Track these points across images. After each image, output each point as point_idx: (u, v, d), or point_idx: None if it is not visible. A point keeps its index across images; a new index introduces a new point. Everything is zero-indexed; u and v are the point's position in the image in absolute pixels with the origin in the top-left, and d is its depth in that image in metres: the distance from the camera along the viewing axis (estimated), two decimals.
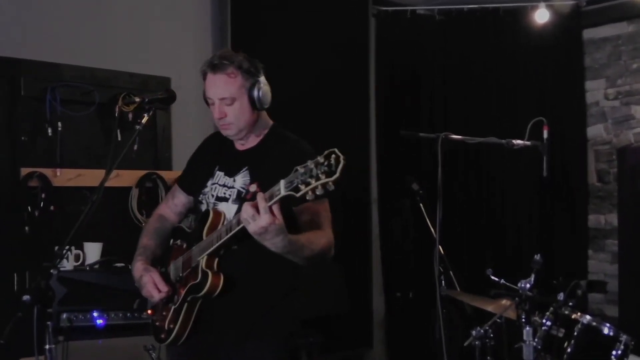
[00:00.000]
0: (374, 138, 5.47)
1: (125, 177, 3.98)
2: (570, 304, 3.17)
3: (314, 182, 1.87)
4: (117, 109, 3.83)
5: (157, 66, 4.20)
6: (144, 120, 2.53)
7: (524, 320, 2.89)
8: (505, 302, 3.33)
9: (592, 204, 5.38)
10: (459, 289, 3.72)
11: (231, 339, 2.39)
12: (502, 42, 5.40)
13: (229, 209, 2.39)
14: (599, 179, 5.36)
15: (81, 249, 3.73)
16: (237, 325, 2.39)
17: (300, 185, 1.90)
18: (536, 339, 3.01)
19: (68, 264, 3.64)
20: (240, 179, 2.43)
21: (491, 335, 3.33)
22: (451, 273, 3.70)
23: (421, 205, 3.91)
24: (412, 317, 5.21)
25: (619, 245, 5.12)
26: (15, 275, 3.65)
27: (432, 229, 3.73)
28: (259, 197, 2.02)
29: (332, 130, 4.97)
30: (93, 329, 3.46)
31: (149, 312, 2.58)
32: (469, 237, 5.32)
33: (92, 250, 3.74)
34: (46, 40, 3.88)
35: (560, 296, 3.11)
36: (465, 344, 3.35)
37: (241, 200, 2.35)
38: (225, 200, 2.43)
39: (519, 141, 3.52)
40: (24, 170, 3.73)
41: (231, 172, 2.47)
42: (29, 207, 3.72)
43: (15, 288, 3.64)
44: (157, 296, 2.41)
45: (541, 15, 5.13)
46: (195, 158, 2.71)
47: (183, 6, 4.47)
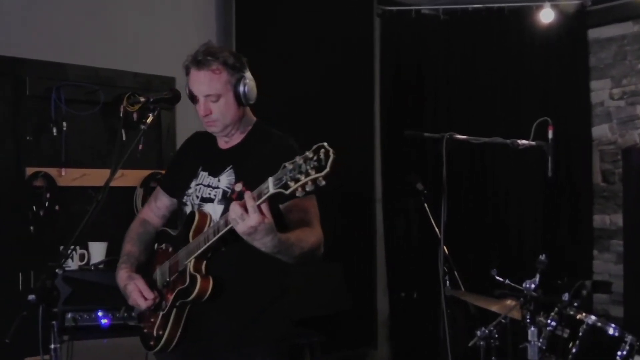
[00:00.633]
0: (379, 137, 5.47)
1: (130, 177, 3.98)
2: (575, 304, 3.17)
3: (303, 178, 1.80)
4: (122, 109, 3.84)
5: (162, 66, 4.19)
6: (149, 120, 2.52)
7: (528, 320, 2.89)
8: (510, 303, 3.32)
9: (597, 204, 5.36)
10: (463, 289, 3.71)
11: (222, 344, 2.32)
12: (507, 42, 5.39)
13: (215, 210, 2.32)
14: (604, 179, 5.34)
15: (86, 248, 3.74)
16: (228, 329, 2.32)
17: (289, 182, 1.83)
18: (541, 340, 2.99)
19: (73, 264, 3.66)
20: (225, 179, 2.36)
21: (496, 335, 3.32)
22: (455, 273, 3.69)
23: (425, 205, 3.90)
24: (416, 317, 5.21)
25: (624, 246, 5.10)
26: (20, 275, 3.66)
27: (437, 229, 3.72)
28: (247, 196, 1.95)
29: (337, 130, 4.97)
30: (98, 329, 3.48)
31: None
32: (474, 237, 5.31)
33: (97, 250, 3.75)
34: (51, 40, 3.89)
35: (565, 296, 3.10)
36: (470, 344, 3.34)
37: (227, 200, 2.28)
38: (210, 201, 2.36)
39: (524, 141, 3.51)
40: (29, 170, 3.74)
41: (215, 172, 2.40)
42: (34, 207, 3.73)
43: (20, 287, 3.66)
44: (144, 304, 2.34)
45: (546, 15, 5.11)
46: (177, 159, 2.65)
47: (187, 5, 4.47)
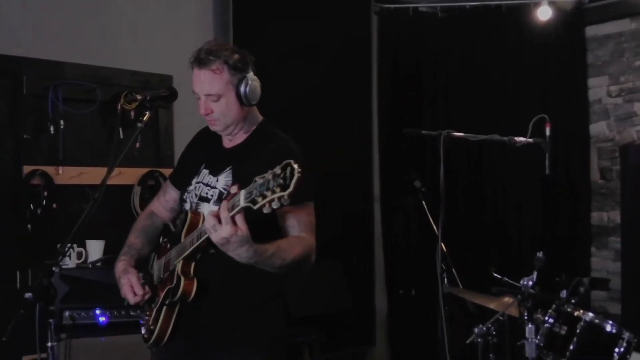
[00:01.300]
0: (377, 135, 5.47)
1: (128, 175, 3.98)
2: (573, 301, 3.16)
3: (269, 195, 1.76)
4: (119, 107, 3.84)
5: (159, 64, 4.19)
6: (146, 118, 2.52)
7: (526, 317, 2.89)
8: (507, 300, 3.33)
9: (595, 202, 5.36)
10: (461, 287, 3.71)
11: (214, 343, 2.31)
12: (505, 40, 5.38)
13: (210, 210, 2.26)
14: (601, 176, 5.34)
15: (83, 246, 3.74)
16: (219, 330, 2.31)
17: (257, 198, 1.79)
18: (539, 337, 3.00)
19: (70, 262, 3.66)
20: (223, 179, 2.34)
21: (494, 332, 3.33)
22: (453, 270, 3.69)
23: (424, 202, 3.90)
24: (415, 315, 5.22)
25: (621, 243, 5.11)
26: (17, 273, 3.67)
27: (435, 227, 3.72)
28: (222, 207, 1.93)
29: (335, 128, 4.98)
30: (95, 327, 3.48)
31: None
32: (472, 235, 5.31)
33: (95, 248, 3.75)
34: (48, 38, 3.89)
35: (563, 293, 3.11)
36: (468, 341, 3.34)
37: (222, 201, 2.24)
38: (207, 200, 2.34)
39: (522, 138, 3.51)
40: (27, 168, 3.74)
41: (215, 171, 2.38)
42: (32, 205, 3.73)
43: (17, 286, 3.66)
44: (132, 300, 2.36)
45: (544, 13, 5.10)
46: (185, 153, 2.64)
47: (185, 4, 4.47)
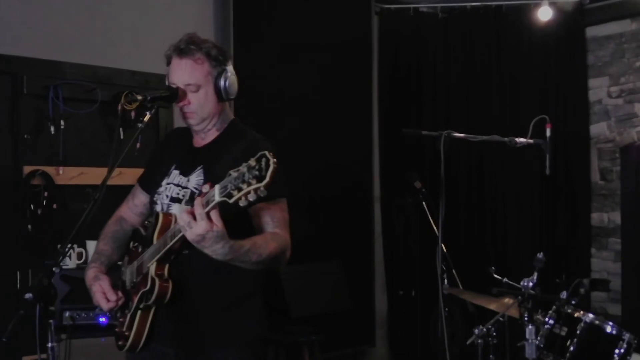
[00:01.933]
0: (377, 136, 5.47)
1: (128, 175, 3.95)
2: (573, 302, 3.16)
3: (245, 188, 1.74)
4: (120, 107, 3.83)
5: (160, 64, 4.17)
6: (146, 118, 2.50)
7: (526, 318, 2.89)
8: (507, 301, 3.32)
9: (595, 202, 5.36)
10: (461, 287, 3.71)
11: (191, 348, 2.27)
12: (505, 40, 5.39)
13: (182, 211, 2.24)
14: (601, 177, 5.34)
15: (84, 247, 3.73)
16: (196, 332, 2.27)
17: (232, 191, 1.77)
18: (539, 338, 3.00)
19: (70, 262, 3.65)
20: (194, 179, 2.30)
21: (494, 333, 3.32)
22: (454, 271, 3.69)
23: (424, 203, 3.90)
24: (415, 315, 5.21)
25: (622, 244, 5.11)
26: (17, 273, 3.66)
27: (435, 227, 3.71)
28: (196, 203, 1.90)
29: (335, 128, 4.98)
30: (96, 327, 3.46)
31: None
32: (472, 235, 5.31)
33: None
34: (48, 38, 3.88)
35: (563, 294, 3.10)
36: (468, 342, 3.34)
37: (196, 198, 2.22)
38: (178, 201, 2.31)
39: (522, 139, 3.51)
40: (27, 169, 3.74)
41: (186, 171, 2.34)
42: (32, 205, 3.73)
43: (17, 286, 3.66)
44: (106, 306, 2.31)
45: (544, 13, 5.10)
46: (154, 156, 2.60)
47: (185, 4, 4.47)
